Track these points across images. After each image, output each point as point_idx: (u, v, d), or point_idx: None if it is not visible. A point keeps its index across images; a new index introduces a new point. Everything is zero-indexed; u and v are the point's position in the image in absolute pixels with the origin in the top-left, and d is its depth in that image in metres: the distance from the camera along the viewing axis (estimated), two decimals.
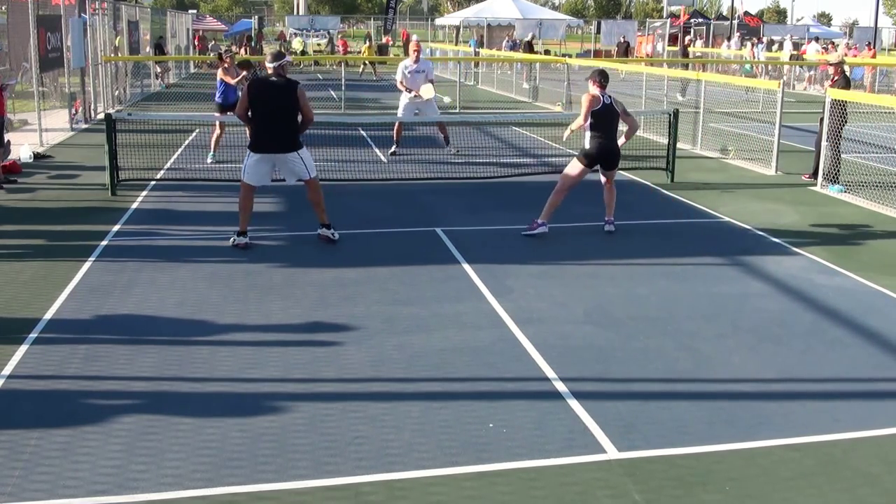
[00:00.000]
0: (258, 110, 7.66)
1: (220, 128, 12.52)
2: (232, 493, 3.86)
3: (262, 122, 7.67)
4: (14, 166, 11.30)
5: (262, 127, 7.68)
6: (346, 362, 5.35)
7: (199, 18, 50.66)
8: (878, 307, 6.58)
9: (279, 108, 7.62)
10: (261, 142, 7.71)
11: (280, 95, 7.61)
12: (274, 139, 7.67)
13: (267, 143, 7.68)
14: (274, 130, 7.66)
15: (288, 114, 7.66)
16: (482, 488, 3.95)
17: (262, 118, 7.67)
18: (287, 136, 7.69)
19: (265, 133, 7.69)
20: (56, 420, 4.50)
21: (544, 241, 8.29)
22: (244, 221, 7.91)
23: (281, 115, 7.64)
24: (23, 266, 7.25)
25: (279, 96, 7.61)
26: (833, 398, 5.00)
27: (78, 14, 16.56)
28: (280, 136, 7.67)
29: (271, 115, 7.63)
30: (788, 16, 79.13)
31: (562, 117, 17.21)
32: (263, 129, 7.68)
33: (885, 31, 53.51)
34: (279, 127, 7.65)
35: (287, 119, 7.67)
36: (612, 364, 5.39)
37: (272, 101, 7.62)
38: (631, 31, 39.91)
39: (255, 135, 7.77)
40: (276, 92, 7.63)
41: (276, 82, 7.67)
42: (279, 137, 7.67)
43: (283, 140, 7.68)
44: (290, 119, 7.69)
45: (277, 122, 7.64)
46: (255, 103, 7.66)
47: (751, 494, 3.93)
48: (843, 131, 11.08)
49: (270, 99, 7.62)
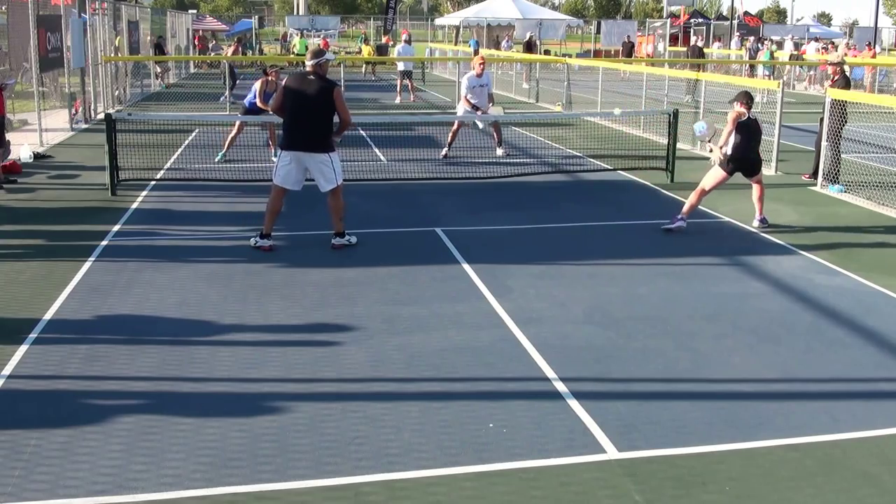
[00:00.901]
0: (292, 106, 7.52)
1: (238, 129, 12.52)
2: (232, 493, 3.86)
3: (294, 118, 7.54)
4: (14, 166, 11.30)
5: (294, 124, 7.55)
6: (346, 362, 5.35)
7: (199, 18, 50.64)
8: (878, 307, 6.58)
9: (313, 106, 7.46)
10: (291, 139, 7.57)
11: (316, 94, 7.46)
12: (304, 137, 7.52)
13: (297, 140, 7.54)
14: (305, 128, 7.51)
15: (321, 113, 7.52)
16: (482, 488, 3.95)
17: (294, 115, 7.53)
18: (318, 135, 7.55)
19: (296, 130, 7.55)
20: (56, 420, 4.50)
21: (544, 241, 8.30)
22: (269, 224, 7.79)
23: (314, 114, 7.49)
24: (23, 266, 7.25)
25: (315, 94, 7.46)
26: (833, 398, 5.01)
27: (78, 14, 16.57)
28: (311, 134, 7.52)
29: (305, 112, 7.48)
30: (788, 16, 79.21)
31: (562, 117, 17.23)
32: (295, 125, 7.55)
33: (885, 31, 53.50)
34: (311, 125, 7.50)
35: (319, 118, 7.53)
36: (612, 364, 5.39)
37: (307, 98, 7.46)
38: (631, 31, 39.91)
39: (286, 132, 7.64)
40: (312, 90, 7.48)
41: (314, 80, 7.52)
42: (310, 136, 7.52)
43: (313, 139, 7.53)
44: (323, 119, 7.55)
45: (309, 120, 7.50)
46: (292, 98, 7.52)
47: (751, 494, 3.93)
48: (842, 131, 11.09)
49: (305, 96, 7.46)
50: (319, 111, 7.51)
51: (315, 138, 7.56)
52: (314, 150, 7.55)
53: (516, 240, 8.33)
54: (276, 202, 7.79)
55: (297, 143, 7.56)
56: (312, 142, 7.55)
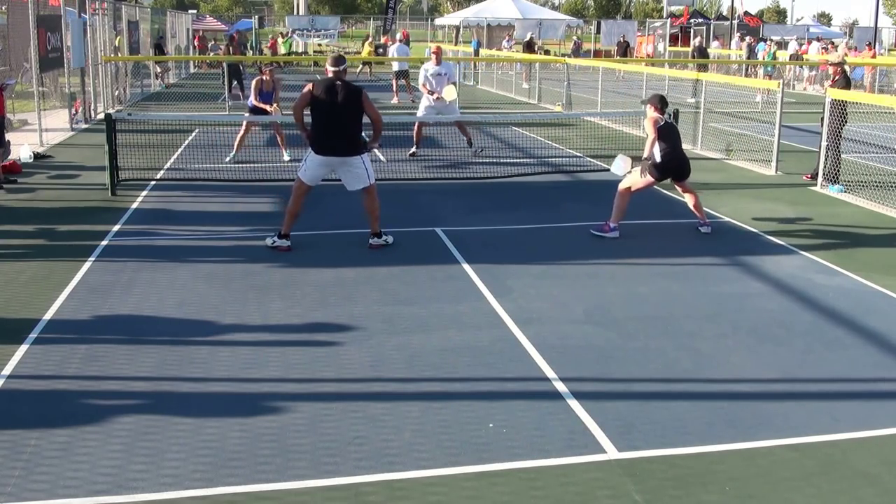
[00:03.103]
0: (322, 112, 7.57)
1: (246, 129, 12.51)
2: (232, 493, 3.86)
3: (326, 124, 7.59)
4: (14, 166, 11.30)
5: (328, 130, 7.60)
6: (345, 362, 5.35)
7: (199, 18, 50.68)
8: (878, 307, 6.58)
9: (344, 111, 7.55)
10: (326, 145, 7.62)
11: (346, 99, 7.55)
12: (340, 143, 7.61)
13: (333, 146, 7.62)
14: (338, 134, 7.60)
15: (353, 118, 7.61)
16: (482, 488, 3.95)
17: (326, 121, 7.58)
18: (352, 140, 7.65)
19: (331, 136, 7.60)
20: (56, 420, 4.50)
21: (544, 241, 8.30)
22: (289, 224, 7.82)
23: (345, 119, 7.58)
24: (23, 266, 7.25)
25: (346, 100, 7.55)
26: (833, 398, 5.00)
27: (78, 14, 16.57)
28: (345, 139, 7.62)
29: (336, 118, 7.56)
30: (788, 16, 79.22)
31: (562, 117, 17.23)
32: (329, 132, 7.60)
33: (885, 31, 53.50)
34: (344, 131, 7.60)
35: (352, 123, 7.62)
36: (612, 364, 5.38)
37: (337, 105, 7.53)
38: (631, 31, 39.92)
39: (319, 137, 7.65)
40: (342, 95, 7.56)
41: (341, 85, 7.60)
42: (344, 141, 7.62)
43: (348, 144, 7.63)
44: (355, 123, 7.65)
45: (342, 126, 7.59)
46: (319, 105, 7.57)
47: (751, 494, 3.93)
48: (843, 131, 11.09)
49: (336, 103, 7.53)
50: (350, 116, 7.61)
51: (349, 143, 7.66)
52: (348, 154, 7.66)
53: (516, 240, 8.33)
54: (298, 202, 7.81)
55: (332, 149, 7.64)
56: (347, 147, 7.65)
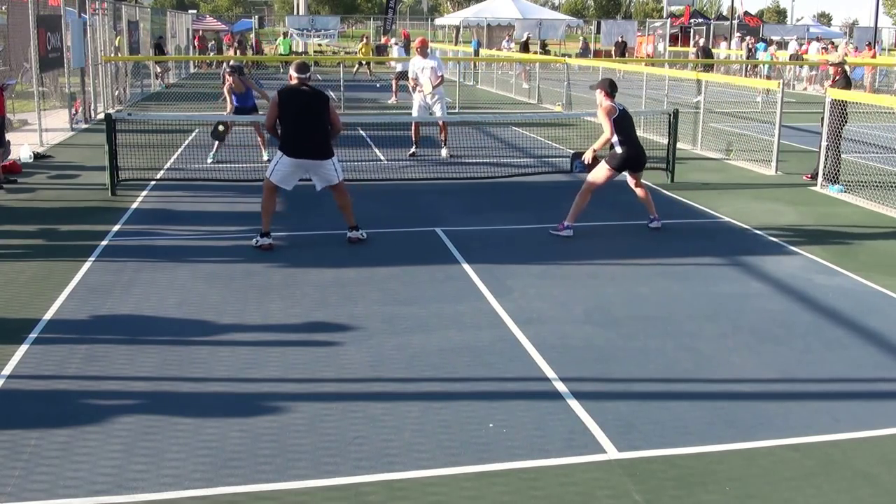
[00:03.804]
0: (292, 117, 7.68)
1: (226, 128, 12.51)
2: (232, 493, 3.86)
3: (298, 128, 7.70)
4: (14, 166, 11.30)
5: (299, 133, 7.71)
6: (345, 362, 5.35)
7: (199, 18, 50.64)
8: (878, 307, 6.57)
9: (314, 116, 7.71)
10: (298, 147, 7.72)
11: (314, 104, 7.73)
12: (312, 146, 7.72)
13: (305, 149, 7.72)
14: (312, 137, 7.72)
15: (322, 122, 7.76)
16: (482, 488, 3.94)
17: (297, 125, 7.70)
18: (324, 143, 7.78)
19: (303, 139, 7.71)
20: (56, 420, 4.50)
21: (544, 241, 8.30)
22: (267, 222, 7.92)
23: (317, 123, 7.73)
24: (23, 266, 7.25)
25: (314, 105, 7.72)
26: (833, 398, 5.00)
27: (78, 14, 16.56)
28: (317, 143, 7.74)
29: (308, 122, 7.70)
30: (788, 16, 79.21)
31: (562, 117, 17.23)
32: (300, 135, 7.71)
33: (885, 31, 53.50)
34: (316, 134, 7.74)
35: (322, 127, 7.77)
36: (612, 364, 5.38)
37: (307, 108, 7.70)
38: (631, 31, 39.92)
39: (290, 140, 7.74)
40: (309, 100, 7.73)
41: (308, 91, 7.78)
42: (316, 145, 7.73)
43: (319, 147, 7.75)
44: (324, 126, 7.79)
45: (313, 129, 7.72)
46: (288, 110, 7.68)
47: (751, 494, 3.93)
48: (843, 131, 11.08)
49: (306, 106, 7.70)
50: (319, 120, 7.75)
51: (320, 146, 7.77)
52: (320, 157, 7.76)
53: (516, 240, 8.33)
54: (271, 201, 7.93)
55: (304, 152, 7.74)
56: (318, 149, 7.76)
